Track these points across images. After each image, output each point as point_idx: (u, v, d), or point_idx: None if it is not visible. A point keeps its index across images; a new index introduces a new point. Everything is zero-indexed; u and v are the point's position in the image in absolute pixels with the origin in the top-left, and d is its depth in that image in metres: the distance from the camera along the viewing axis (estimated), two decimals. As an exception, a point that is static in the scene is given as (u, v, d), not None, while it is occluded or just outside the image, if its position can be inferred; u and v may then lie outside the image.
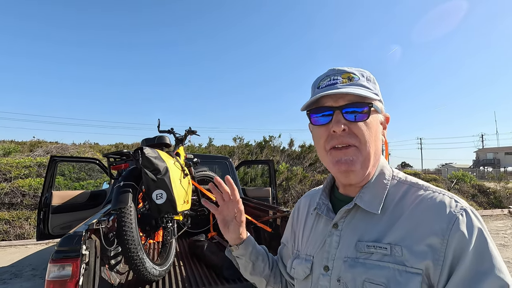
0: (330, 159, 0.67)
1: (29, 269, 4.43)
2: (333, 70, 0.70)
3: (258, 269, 0.87)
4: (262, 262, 0.88)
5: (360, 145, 0.64)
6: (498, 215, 9.50)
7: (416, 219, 0.60)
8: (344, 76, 0.68)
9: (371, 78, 0.70)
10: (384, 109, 0.72)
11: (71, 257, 1.38)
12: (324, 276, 0.68)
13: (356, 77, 0.67)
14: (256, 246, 0.89)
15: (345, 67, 0.70)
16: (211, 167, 4.44)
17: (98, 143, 18.17)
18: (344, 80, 0.67)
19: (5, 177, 7.66)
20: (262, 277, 0.88)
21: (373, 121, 0.66)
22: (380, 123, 0.70)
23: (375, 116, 0.67)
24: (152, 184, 1.95)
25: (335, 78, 0.68)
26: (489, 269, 0.53)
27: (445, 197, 0.61)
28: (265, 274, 0.88)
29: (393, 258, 0.59)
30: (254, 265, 0.87)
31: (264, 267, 0.88)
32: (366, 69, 0.72)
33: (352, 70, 0.69)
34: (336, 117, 0.65)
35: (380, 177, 0.69)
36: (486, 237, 0.55)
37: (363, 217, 0.67)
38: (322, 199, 0.77)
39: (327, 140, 0.67)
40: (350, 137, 0.64)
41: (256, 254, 0.87)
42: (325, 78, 0.70)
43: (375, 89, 0.69)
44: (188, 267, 2.39)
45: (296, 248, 0.83)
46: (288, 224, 0.94)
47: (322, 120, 0.67)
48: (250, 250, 0.86)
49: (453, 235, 0.55)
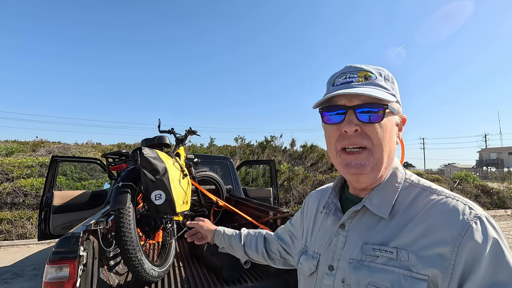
0: (340, 161, 0.66)
1: (31, 269, 4.44)
2: (350, 67, 0.68)
3: (239, 247, 1.06)
4: (237, 242, 1.07)
5: (373, 147, 0.62)
6: (502, 216, 9.44)
7: (426, 224, 0.57)
8: (361, 75, 0.65)
9: (389, 77, 0.67)
10: (401, 110, 0.69)
11: (69, 258, 1.37)
12: (328, 276, 0.67)
13: (373, 76, 0.65)
14: (225, 234, 1.10)
15: (363, 64, 0.67)
16: (212, 167, 4.44)
17: (100, 143, 18.22)
18: (360, 79, 0.64)
19: (8, 177, 7.71)
20: (257, 253, 1.04)
21: (388, 123, 0.64)
22: (395, 125, 0.67)
23: (391, 118, 0.65)
24: (151, 185, 1.94)
25: (351, 76, 0.66)
26: (507, 280, 0.50)
27: (459, 203, 0.58)
28: (257, 250, 1.04)
29: (399, 262, 0.57)
30: (233, 248, 1.07)
31: (247, 243, 1.06)
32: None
33: (369, 68, 0.66)
34: (348, 117, 0.62)
35: (391, 179, 0.67)
36: (502, 247, 0.52)
37: (371, 219, 0.65)
38: (331, 198, 0.76)
39: (338, 139, 0.65)
40: (362, 138, 0.62)
41: (228, 239, 1.09)
42: (340, 75, 0.67)
43: (393, 89, 0.66)
44: (187, 268, 2.38)
45: (304, 243, 0.83)
46: (297, 213, 0.97)
47: (334, 119, 0.65)
48: (221, 239, 1.10)
49: (464, 244, 0.52)
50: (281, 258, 1.01)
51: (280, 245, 1.00)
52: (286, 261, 1.00)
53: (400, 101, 0.68)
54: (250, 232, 1.10)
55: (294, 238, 0.95)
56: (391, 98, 0.62)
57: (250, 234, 1.08)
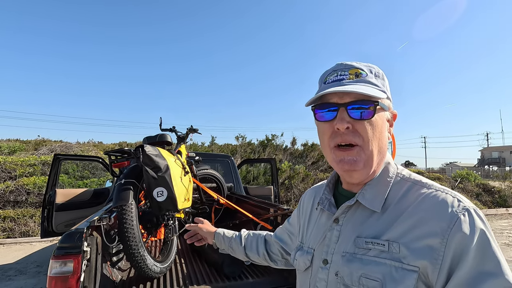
0: (333, 157, 0.67)
1: (34, 266, 4.48)
2: (341, 64, 0.69)
3: (240, 250, 1.06)
4: (237, 244, 1.06)
5: (364, 144, 0.64)
6: (503, 214, 9.42)
7: (416, 217, 0.59)
8: (352, 72, 0.66)
9: (380, 74, 0.68)
10: (392, 106, 0.71)
11: (73, 253, 1.39)
12: (322, 270, 0.69)
13: (363, 73, 0.66)
14: (225, 236, 1.10)
15: (354, 62, 0.69)
16: (213, 166, 4.45)
17: (102, 142, 18.30)
18: (351, 76, 0.66)
19: (10, 175, 7.75)
20: (258, 255, 1.04)
21: (379, 119, 0.65)
22: (386, 121, 0.69)
23: (381, 114, 0.66)
24: (153, 182, 1.96)
25: (342, 73, 0.67)
26: (492, 269, 0.52)
27: (448, 196, 0.60)
28: (258, 252, 1.04)
29: (390, 254, 0.59)
30: (234, 250, 1.07)
31: (248, 246, 1.05)
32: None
33: (360, 66, 0.67)
34: (340, 115, 0.64)
35: (383, 174, 0.69)
36: (489, 238, 0.54)
37: (364, 213, 0.67)
38: (325, 194, 0.78)
39: (331, 136, 0.67)
40: (353, 136, 0.64)
41: (228, 241, 1.08)
42: (332, 73, 0.69)
43: (383, 85, 0.67)
44: (189, 264, 2.40)
45: (300, 239, 0.84)
46: (294, 212, 0.98)
47: (327, 116, 0.66)
48: (221, 241, 1.10)
49: (453, 236, 0.54)
50: (283, 259, 1.01)
51: (280, 246, 1.00)
52: (288, 261, 1.01)
53: (390, 98, 0.70)
54: (250, 234, 1.09)
55: (293, 236, 0.96)
56: (381, 95, 0.63)
57: (250, 236, 1.08)
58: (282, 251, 1.00)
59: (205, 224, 1.19)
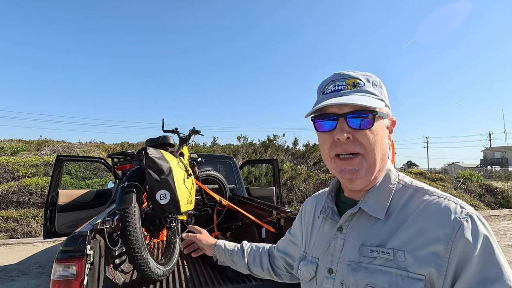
0: (334, 167, 0.68)
1: (36, 267, 4.50)
2: (338, 74, 0.70)
3: (242, 264, 1.02)
4: (239, 258, 1.03)
5: (365, 152, 0.64)
6: (506, 215, 9.37)
7: (420, 224, 0.59)
8: (349, 82, 0.67)
9: (377, 82, 0.69)
10: (391, 112, 0.72)
11: (76, 257, 1.39)
12: (328, 279, 0.69)
13: (361, 83, 0.67)
14: (226, 249, 1.06)
15: (351, 71, 0.69)
16: (215, 167, 4.45)
17: (104, 142, 18.33)
18: (349, 87, 0.67)
19: (13, 175, 7.79)
20: (262, 269, 1.02)
21: (378, 127, 0.66)
22: (386, 128, 0.69)
23: (381, 122, 0.67)
24: (156, 185, 1.96)
25: (339, 84, 0.68)
26: (496, 276, 0.52)
27: (451, 202, 0.60)
28: (262, 266, 1.01)
29: (396, 263, 0.59)
30: (235, 263, 1.04)
31: (250, 260, 1.02)
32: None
33: (357, 75, 0.68)
34: (340, 125, 0.64)
35: (385, 181, 0.69)
36: (492, 244, 0.55)
37: (367, 221, 0.67)
38: (328, 202, 0.78)
39: (331, 146, 0.67)
40: (354, 145, 0.64)
41: (230, 254, 1.04)
42: (330, 83, 0.69)
43: (381, 93, 0.68)
44: (192, 267, 2.40)
45: (303, 249, 0.84)
46: (295, 222, 0.97)
47: (327, 127, 0.67)
48: (222, 254, 1.05)
49: (457, 242, 0.54)
50: (288, 273, 0.99)
51: (285, 261, 0.98)
52: (293, 276, 0.98)
53: (389, 105, 0.70)
54: (253, 247, 1.06)
55: (296, 248, 0.95)
56: (379, 104, 0.64)
57: (253, 250, 1.05)
58: (286, 266, 0.98)
59: (203, 234, 1.15)
